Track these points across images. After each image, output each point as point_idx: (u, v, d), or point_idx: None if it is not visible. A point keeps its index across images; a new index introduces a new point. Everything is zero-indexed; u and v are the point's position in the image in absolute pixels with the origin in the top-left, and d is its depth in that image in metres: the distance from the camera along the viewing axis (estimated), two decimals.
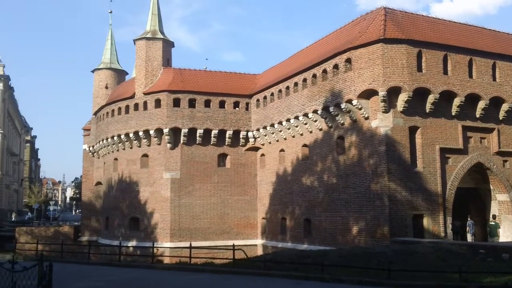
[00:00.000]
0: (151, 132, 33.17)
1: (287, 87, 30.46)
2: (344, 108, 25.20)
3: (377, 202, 23.39)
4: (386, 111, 23.62)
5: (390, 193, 22.93)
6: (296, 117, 29.24)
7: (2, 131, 66.46)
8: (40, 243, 30.54)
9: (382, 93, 23.30)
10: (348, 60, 25.05)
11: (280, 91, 31.34)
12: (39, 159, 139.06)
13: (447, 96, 24.64)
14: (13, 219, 56.76)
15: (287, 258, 19.43)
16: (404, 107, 23.59)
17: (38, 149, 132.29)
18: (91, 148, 42.15)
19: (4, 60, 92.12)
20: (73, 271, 19.29)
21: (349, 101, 24.83)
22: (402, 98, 23.53)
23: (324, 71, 26.96)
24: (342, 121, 25.99)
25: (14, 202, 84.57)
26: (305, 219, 28.91)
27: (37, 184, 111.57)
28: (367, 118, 24.49)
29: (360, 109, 24.53)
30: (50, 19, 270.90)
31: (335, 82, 25.89)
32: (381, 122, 23.74)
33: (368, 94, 24.16)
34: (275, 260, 19.17)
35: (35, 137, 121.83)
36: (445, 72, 24.64)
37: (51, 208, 71.71)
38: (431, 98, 24.04)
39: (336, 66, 25.99)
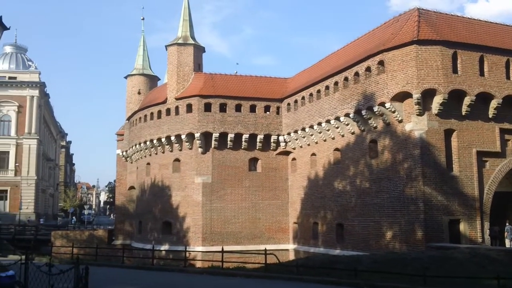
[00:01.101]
0: (183, 136, 33.46)
1: (318, 91, 30.24)
2: (377, 111, 24.83)
3: (411, 206, 22.91)
4: (420, 114, 23.15)
5: (425, 197, 22.43)
6: (328, 121, 28.98)
7: (38, 137, 68.37)
8: (75, 246, 31.14)
9: (416, 95, 22.86)
10: (381, 62, 24.69)
11: (311, 94, 31.14)
12: (74, 164, 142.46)
13: (484, 98, 24.00)
14: (41, 222, 58.18)
15: (320, 263, 19.23)
16: (439, 109, 23.07)
17: (73, 154, 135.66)
18: (124, 153, 42.82)
19: (40, 67, 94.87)
20: (108, 275, 19.55)
21: (382, 104, 24.44)
22: (437, 101, 23.03)
23: (356, 73, 26.65)
24: (375, 125, 25.61)
25: (50, 206, 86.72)
26: (337, 224, 28.57)
27: (72, 188, 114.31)
28: (400, 121, 24.06)
29: (394, 112, 24.11)
30: (85, 27, 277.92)
31: (368, 85, 25.55)
32: (415, 125, 23.27)
33: (402, 96, 23.74)
34: (308, 265, 19.00)
35: (70, 142, 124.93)
36: (482, 73, 24.02)
37: (86, 212, 73.10)
38: (467, 100, 23.44)
39: (368, 69, 25.66)
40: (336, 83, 28.46)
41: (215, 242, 31.84)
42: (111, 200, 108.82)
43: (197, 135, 32.93)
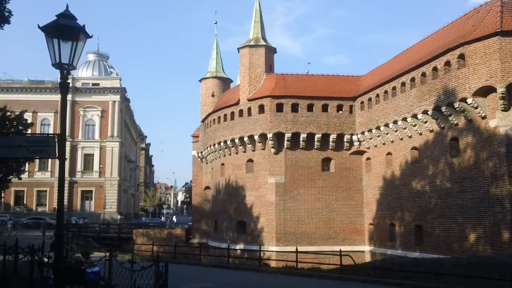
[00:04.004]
0: (256, 137, 33.76)
1: (394, 88, 29.29)
2: (457, 107, 23.61)
3: (497, 207, 21.55)
4: (505, 109, 21.72)
5: None
6: (404, 119, 27.98)
7: (120, 140, 71.98)
8: (155, 244, 32.41)
9: (500, 89, 21.46)
10: (461, 56, 23.44)
11: (386, 92, 30.23)
12: (153, 165, 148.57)
13: None
14: (118, 222, 61.00)
15: (398, 265, 18.59)
16: None
17: (152, 155, 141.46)
18: (199, 154, 43.97)
19: (120, 73, 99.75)
20: (185, 272, 20.13)
21: (464, 100, 23.19)
22: None
23: (435, 68, 25.50)
24: (455, 122, 24.38)
25: (131, 206, 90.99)
26: (416, 226, 27.50)
27: (151, 188, 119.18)
28: (484, 118, 22.71)
29: (476, 108, 22.81)
30: (161, 34, 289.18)
31: (447, 80, 24.37)
32: (500, 121, 21.86)
33: (485, 91, 22.39)
34: (385, 267, 18.43)
35: (149, 144, 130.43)
36: None
37: (165, 211, 75.99)
38: None
39: (447, 63, 24.46)
40: (413, 79, 27.41)
41: (289, 242, 31.81)
42: (188, 200, 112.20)
43: (269, 135, 33.08)
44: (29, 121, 40.47)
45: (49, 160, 60.70)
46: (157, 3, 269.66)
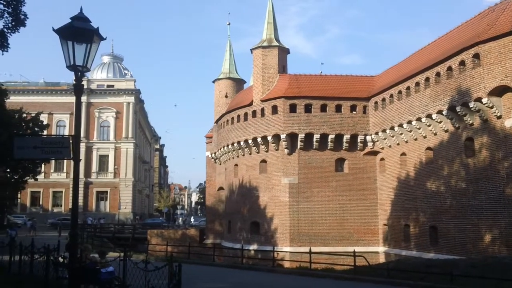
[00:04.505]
0: (269, 138, 33.77)
1: (408, 88, 29.08)
2: (472, 107, 23.36)
3: None
4: None
5: None
6: (419, 119, 27.77)
7: (134, 141, 72.52)
8: (169, 244, 32.58)
9: None
10: (476, 56, 23.20)
11: (400, 92, 30.03)
12: (167, 166, 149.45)
13: None
14: (133, 222, 61.51)
15: (412, 266, 18.46)
16: None
17: (166, 156, 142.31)
18: (213, 155, 44.11)
19: (134, 75, 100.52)
20: (199, 272, 20.22)
21: (479, 100, 22.94)
22: None
23: (449, 68, 25.27)
24: (470, 122, 24.13)
25: (146, 206, 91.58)
26: (430, 226, 27.27)
27: (165, 189, 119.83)
28: (499, 117, 22.44)
29: (491, 107, 22.54)
30: (175, 35, 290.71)
31: (462, 79, 24.13)
32: None
33: (500, 91, 22.12)
34: (399, 268, 18.30)
35: (163, 145, 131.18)
36: None
37: (179, 212, 76.31)
38: None
39: (462, 63, 24.22)
40: (427, 79, 27.20)
41: (303, 243, 31.75)
42: (202, 200, 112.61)
43: (283, 136, 33.06)
44: (45, 123, 41.13)
45: (65, 161, 61.44)
46: (171, 5, 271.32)
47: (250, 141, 35.20)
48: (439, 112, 25.87)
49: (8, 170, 33.40)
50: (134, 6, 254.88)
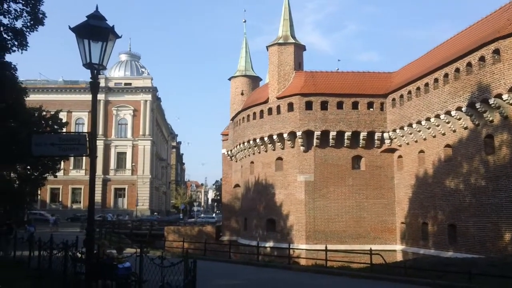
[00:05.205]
0: (285, 135, 33.69)
1: (426, 84, 28.72)
2: (493, 103, 22.96)
3: None
4: None
5: None
6: (437, 116, 27.41)
7: (151, 138, 73.05)
8: (186, 241, 32.76)
9: None
10: (496, 51, 22.78)
11: (418, 88, 29.67)
12: (183, 163, 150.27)
13: None
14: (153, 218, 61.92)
15: (430, 265, 18.26)
16: None
17: (182, 154, 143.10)
18: (229, 152, 44.20)
19: (151, 72, 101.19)
20: (215, 269, 20.28)
21: (499, 96, 22.54)
22: None
23: (469, 64, 24.87)
24: (490, 118, 23.72)
25: (163, 203, 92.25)
26: (449, 225, 26.92)
27: (182, 186, 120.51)
28: None
29: None
30: (191, 32, 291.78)
31: (482, 75, 23.72)
32: None
33: None
34: (417, 266, 18.13)
35: (180, 143, 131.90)
36: None
37: (195, 209, 76.75)
38: None
39: (482, 58, 23.82)
40: (446, 75, 26.81)
41: (319, 241, 31.61)
42: (218, 197, 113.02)
43: (298, 133, 32.95)
44: (63, 121, 41.66)
45: (84, 158, 62.29)
46: (187, 3, 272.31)
47: (266, 139, 35.16)
48: (458, 108, 25.50)
49: (28, 167, 33.96)
50: (150, 4, 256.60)
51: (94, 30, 7.78)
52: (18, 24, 18.30)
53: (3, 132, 24.09)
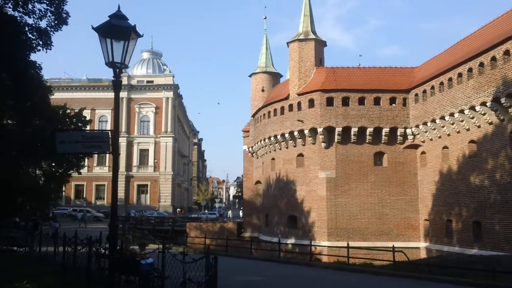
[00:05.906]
0: (306, 132, 33.56)
1: (450, 79, 28.24)
2: None
3: None
4: None
5: None
6: (461, 111, 26.94)
7: (173, 135, 73.65)
8: (207, 237, 32.98)
9: None
10: None
11: (441, 83, 29.20)
12: (205, 160, 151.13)
13: None
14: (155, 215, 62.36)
15: (454, 262, 18.03)
16: None
17: (204, 150, 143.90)
18: (250, 149, 44.27)
19: (173, 70, 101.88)
20: (237, 265, 20.37)
21: None
22: None
23: (493, 58, 24.35)
24: None
25: (185, 199, 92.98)
26: (474, 222, 26.47)
27: (204, 183, 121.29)
28: None
29: None
30: (211, 30, 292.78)
31: (507, 70, 23.21)
32: None
33: None
34: (440, 264, 17.92)
35: (201, 139, 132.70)
36: None
37: (217, 205, 77.17)
38: None
39: (507, 52, 23.30)
40: (470, 70, 26.32)
41: (341, 238, 31.44)
42: (240, 194, 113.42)
43: (319, 130, 32.78)
44: (87, 118, 42.34)
45: (107, 155, 63.03)
46: (208, 0, 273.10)
47: (286, 135, 35.09)
48: (483, 103, 25.01)
49: (53, 164, 34.59)
50: (171, 2, 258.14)
51: (116, 30, 7.90)
52: (43, 24, 18.65)
53: (29, 130, 24.62)
